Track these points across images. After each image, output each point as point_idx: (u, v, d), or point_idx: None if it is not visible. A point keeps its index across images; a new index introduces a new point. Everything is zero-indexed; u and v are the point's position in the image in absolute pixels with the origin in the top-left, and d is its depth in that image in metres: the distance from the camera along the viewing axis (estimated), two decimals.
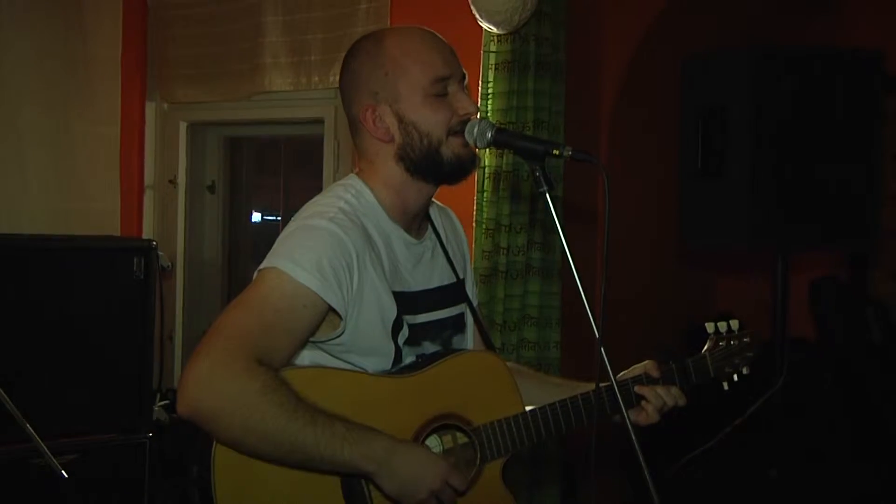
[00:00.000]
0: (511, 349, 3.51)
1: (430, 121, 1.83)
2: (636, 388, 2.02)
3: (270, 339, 1.67)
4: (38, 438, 2.17)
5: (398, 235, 1.90)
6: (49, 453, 2.16)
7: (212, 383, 1.61)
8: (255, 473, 1.70)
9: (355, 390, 1.79)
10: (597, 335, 1.62)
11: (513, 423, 1.88)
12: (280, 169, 4.81)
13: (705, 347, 2.16)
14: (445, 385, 1.86)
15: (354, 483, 1.74)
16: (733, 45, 2.99)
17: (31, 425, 2.17)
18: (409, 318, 1.87)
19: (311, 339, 1.80)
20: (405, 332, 1.86)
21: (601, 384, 1.98)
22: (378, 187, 1.89)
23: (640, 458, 1.57)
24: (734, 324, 2.18)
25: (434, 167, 1.85)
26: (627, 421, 1.64)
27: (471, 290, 2.10)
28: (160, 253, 3.29)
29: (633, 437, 1.60)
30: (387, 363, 1.84)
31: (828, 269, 4.77)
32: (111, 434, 3.12)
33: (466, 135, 1.82)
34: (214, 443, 1.68)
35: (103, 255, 3.20)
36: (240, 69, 4.16)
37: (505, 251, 3.49)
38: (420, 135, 1.83)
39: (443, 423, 1.86)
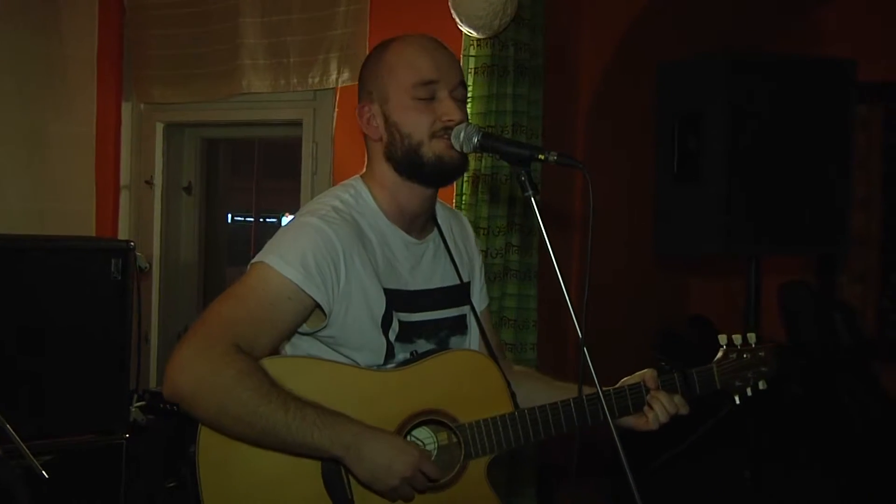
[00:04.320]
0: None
1: (411, 122, 1.88)
2: (650, 395, 1.99)
3: (253, 328, 1.76)
4: (18, 439, 2.17)
5: (397, 236, 1.95)
6: (30, 454, 2.16)
7: (191, 367, 1.71)
8: (238, 456, 1.77)
9: (343, 381, 1.85)
10: (580, 335, 1.64)
11: (499, 423, 1.90)
12: (255, 170, 4.81)
13: (715, 358, 2.11)
14: (433, 381, 1.89)
15: (333, 468, 1.79)
16: (708, 52, 3.03)
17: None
18: (404, 316, 1.91)
19: (306, 330, 1.87)
20: (395, 327, 1.89)
21: (606, 389, 1.96)
22: (376, 189, 1.95)
23: (625, 464, 1.58)
24: (751, 337, 2.11)
25: (415, 168, 1.90)
26: (613, 429, 1.65)
27: (478, 293, 2.13)
28: (138, 254, 3.27)
29: (619, 445, 1.61)
30: (378, 358, 1.89)
31: (796, 273, 4.84)
32: (88, 435, 3.10)
33: (453, 139, 1.85)
34: (199, 426, 1.77)
35: (81, 255, 3.17)
36: (217, 70, 4.14)
37: (483, 253, 3.50)
38: (401, 135, 1.89)
39: (428, 419, 1.88)
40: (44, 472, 2.20)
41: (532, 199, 1.71)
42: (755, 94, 2.89)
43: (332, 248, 1.81)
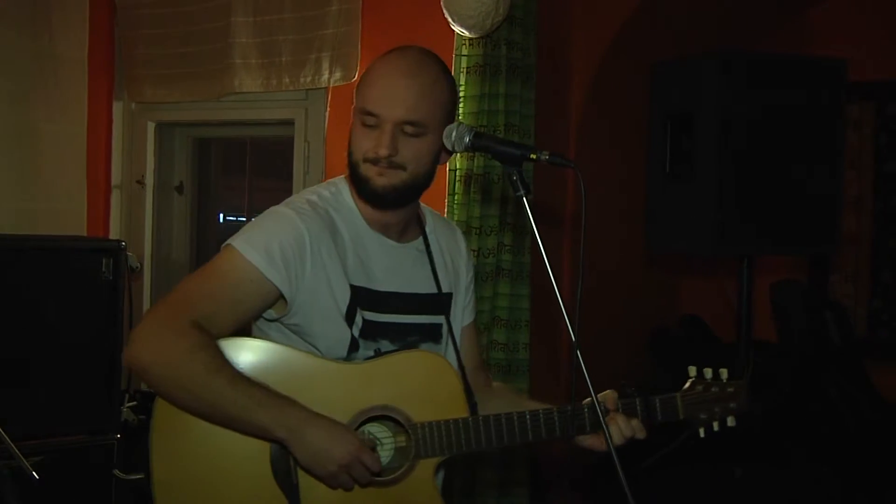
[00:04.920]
0: (481, 351, 3.53)
1: (355, 142, 1.95)
2: (608, 416, 1.97)
3: (213, 305, 1.83)
4: (8, 440, 2.15)
5: (373, 237, 1.99)
6: (20, 454, 2.15)
7: (149, 339, 1.80)
8: (190, 429, 1.83)
9: (300, 369, 1.89)
10: (572, 335, 1.65)
11: (451, 426, 1.91)
12: (246, 170, 4.80)
13: (682, 388, 2.08)
14: (390, 378, 1.92)
15: (282, 450, 1.82)
16: (701, 51, 3.03)
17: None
18: (370, 315, 1.94)
19: (272, 316, 1.93)
20: (359, 323, 1.93)
21: (565, 407, 1.97)
22: (354, 191, 2.00)
23: (618, 466, 1.58)
24: (723, 372, 2.08)
25: (356, 182, 1.95)
26: (609, 441, 1.65)
27: (461, 307, 2.14)
28: (129, 254, 3.26)
29: (613, 449, 1.61)
30: (342, 350, 1.92)
31: (788, 272, 4.86)
32: (79, 435, 3.09)
33: (444, 139, 1.86)
34: (154, 405, 1.85)
35: (72, 255, 3.16)
36: (209, 70, 4.13)
37: (475, 253, 3.51)
38: (349, 150, 1.96)
39: (381, 414, 1.90)
40: (34, 472, 2.19)
41: (524, 199, 1.72)
42: (747, 93, 2.90)
43: (299, 238, 1.87)
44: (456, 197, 3.54)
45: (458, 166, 3.53)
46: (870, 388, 4.44)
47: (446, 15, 3.43)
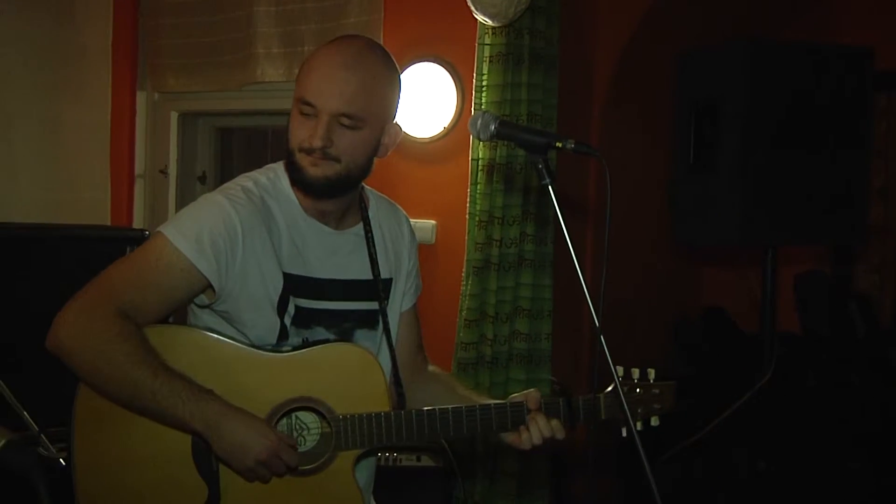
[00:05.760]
0: (503, 340, 3.53)
1: (292, 129, 1.93)
2: (529, 415, 1.98)
3: (140, 294, 1.83)
4: (34, 427, 2.17)
5: (310, 224, 1.98)
6: (47, 441, 2.17)
7: (73, 325, 1.80)
8: (111, 421, 1.84)
9: (226, 357, 1.90)
10: (596, 324, 1.64)
11: (373, 420, 1.92)
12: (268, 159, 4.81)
13: (606, 389, 2.05)
14: (315, 370, 1.93)
15: (203, 443, 1.83)
16: (725, 40, 3.01)
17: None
18: (303, 302, 1.94)
19: (204, 302, 1.93)
20: (291, 311, 1.93)
21: (487, 403, 1.99)
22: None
23: (644, 459, 1.58)
24: (650, 373, 2.07)
25: (291, 170, 1.94)
26: (633, 427, 1.66)
27: (400, 293, 2.13)
28: None
29: (638, 442, 1.61)
30: (271, 337, 1.93)
31: (811, 263, 4.81)
32: None
33: (470, 127, 1.84)
34: (77, 390, 1.87)
35: (96, 244, 3.17)
36: (232, 59, 4.15)
37: (498, 243, 3.51)
38: (286, 138, 1.94)
39: (303, 406, 1.92)
40: (61, 459, 2.21)
41: (550, 187, 1.72)
42: (773, 82, 2.87)
43: (230, 226, 1.86)
44: (479, 186, 3.54)
45: (480, 156, 3.53)
46: (895, 379, 4.40)
47: (469, 3, 3.41)
